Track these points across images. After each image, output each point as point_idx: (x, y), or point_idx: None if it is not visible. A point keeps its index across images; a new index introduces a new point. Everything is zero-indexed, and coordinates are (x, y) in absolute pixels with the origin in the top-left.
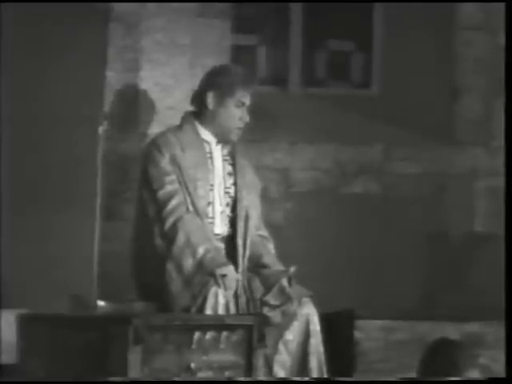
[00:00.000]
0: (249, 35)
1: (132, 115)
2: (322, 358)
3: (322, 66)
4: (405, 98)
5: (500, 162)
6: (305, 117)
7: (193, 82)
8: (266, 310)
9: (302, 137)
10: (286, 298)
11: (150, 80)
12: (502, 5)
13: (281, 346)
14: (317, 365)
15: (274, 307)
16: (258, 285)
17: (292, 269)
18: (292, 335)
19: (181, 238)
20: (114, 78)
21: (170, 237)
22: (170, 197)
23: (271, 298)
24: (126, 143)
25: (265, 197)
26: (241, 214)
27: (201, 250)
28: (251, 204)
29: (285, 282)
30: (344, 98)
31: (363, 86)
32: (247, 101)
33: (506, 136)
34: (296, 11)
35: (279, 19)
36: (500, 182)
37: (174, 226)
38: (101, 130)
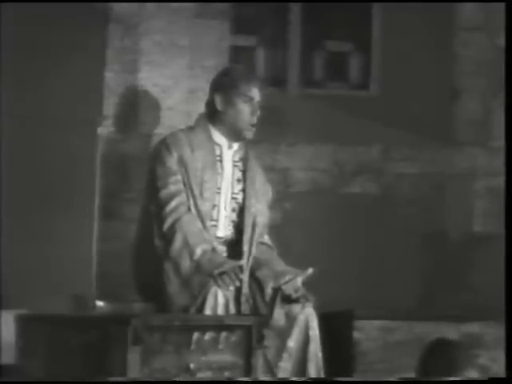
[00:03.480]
0: (248, 36)
1: (131, 116)
2: (320, 363)
3: (321, 66)
4: (404, 98)
5: (499, 162)
6: (303, 117)
7: (192, 83)
8: (279, 301)
9: (300, 137)
10: (302, 295)
11: (149, 81)
12: (501, 6)
13: (285, 354)
14: (315, 370)
15: (291, 299)
16: (261, 286)
17: (310, 270)
18: (293, 342)
19: (178, 239)
20: (112, 79)
21: (168, 237)
22: (171, 197)
23: (289, 290)
24: (125, 144)
25: None
26: (248, 221)
27: (198, 251)
28: (259, 212)
29: (299, 281)
30: (343, 99)
31: (362, 86)
32: (255, 95)
33: (506, 136)
34: (295, 12)
35: (278, 20)
36: (499, 182)
37: (172, 226)
38: (100, 130)
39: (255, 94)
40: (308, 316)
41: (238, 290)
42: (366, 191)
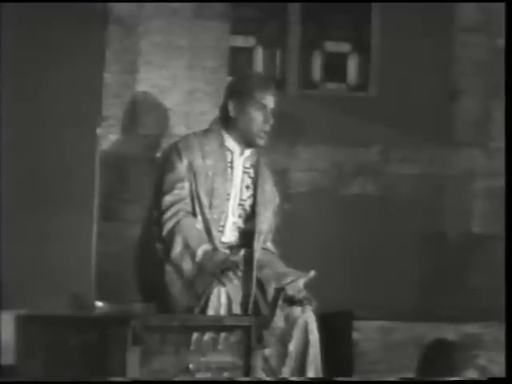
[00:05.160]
0: (247, 37)
1: (130, 117)
2: (320, 367)
3: (320, 67)
4: (403, 99)
5: (498, 163)
6: (302, 118)
7: (191, 84)
8: (281, 302)
9: (299, 138)
10: (304, 297)
11: (148, 82)
12: (501, 7)
13: (287, 359)
14: (314, 374)
15: (293, 301)
16: (263, 286)
17: (312, 273)
18: (293, 347)
19: (179, 242)
20: (112, 79)
21: (167, 242)
22: (173, 203)
23: (292, 291)
24: (124, 145)
25: None
26: (255, 228)
27: (200, 253)
28: (265, 219)
29: (301, 283)
30: (341, 100)
31: (360, 87)
32: (269, 103)
33: (506, 137)
34: (294, 13)
35: (277, 21)
36: (498, 182)
37: (172, 231)
38: (99, 131)
39: (269, 101)
40: (307, 319)
41: (244, 293)
42: (365, 192)
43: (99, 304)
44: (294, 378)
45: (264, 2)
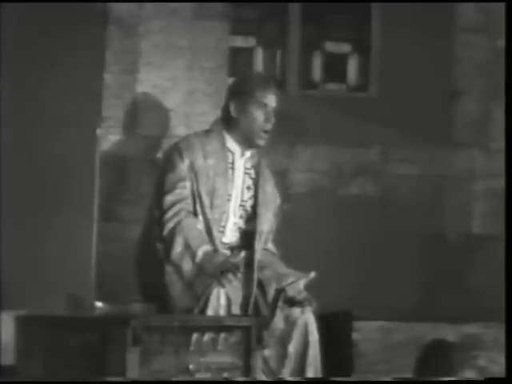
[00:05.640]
0: (247, 37)
1: (130, 118)
2: (319, 368)
3: (320, 68)
4: (403, 100)
5: (498, 163)
6: (302, 119)
7: (191, 84)
8: (281, 302)
9: (299, 138)
10: (304, 298)
11: (148, 82)
12: (501, 7)
13: (286, 360)
14: (313, 375)
15: (293, 302)
16: (264, 287)
17: (312, 274)
18: (293, 348)
19: (179, 242)
20: (112, 80)
21: (168, 242)
22: (175, 202)
23: (292, 292)
24: (124, 145)
25: None
26: (257, 229)
27: (200, 253)
28: (266, 220)
29: (302, 284)
30: (341, 100)
31: (361, 88)
32: (270, 102)
33: (506, 138)
34: (294, 13)
35: (277, 21)
36: (498, 183)
37: (172, 231)
38: (99, 132)
39: (270, 100)
40: (307, 321)
41: (245, 293)
42: (365, 193)
43: (99, 304)
44: (293, 378)
45: (264, 2)
